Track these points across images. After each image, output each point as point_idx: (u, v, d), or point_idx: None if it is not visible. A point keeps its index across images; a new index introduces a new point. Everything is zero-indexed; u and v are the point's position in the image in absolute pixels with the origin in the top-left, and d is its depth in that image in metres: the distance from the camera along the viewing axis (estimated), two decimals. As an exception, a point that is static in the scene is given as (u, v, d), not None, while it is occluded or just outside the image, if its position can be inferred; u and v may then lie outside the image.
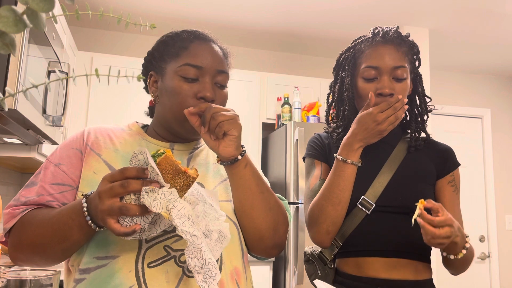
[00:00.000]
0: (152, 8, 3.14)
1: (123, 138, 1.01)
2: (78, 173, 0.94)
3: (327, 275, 1.22)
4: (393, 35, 1.20)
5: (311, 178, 1.25)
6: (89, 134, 1.00)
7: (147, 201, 0.72)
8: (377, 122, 1.10)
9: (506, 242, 4.05)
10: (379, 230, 1.16)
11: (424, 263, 1.19)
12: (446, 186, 1.22)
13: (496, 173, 4.12)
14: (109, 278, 0.85)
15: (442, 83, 4.16)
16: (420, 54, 1.26)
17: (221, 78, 0.99)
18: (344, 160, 1.13)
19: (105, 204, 0.74)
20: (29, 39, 1.47)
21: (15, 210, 0.90)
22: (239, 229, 0.98)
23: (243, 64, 3.77)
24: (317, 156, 1.27)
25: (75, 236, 0.83)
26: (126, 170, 0.76)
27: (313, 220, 1.16)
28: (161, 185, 0.75)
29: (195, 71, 0.96)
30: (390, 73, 1.16)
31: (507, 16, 3.09)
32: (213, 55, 0.99)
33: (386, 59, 1.16)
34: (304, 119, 3.29)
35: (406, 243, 1.15)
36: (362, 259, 1.16)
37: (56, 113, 2.01)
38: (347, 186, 1.13)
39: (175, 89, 0.95)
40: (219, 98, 0.98)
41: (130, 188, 0.74)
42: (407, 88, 1.19)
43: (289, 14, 3.20)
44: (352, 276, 1.16)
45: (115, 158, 0.96)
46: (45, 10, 0.40)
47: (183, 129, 0.98)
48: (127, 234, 0.74)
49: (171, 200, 0.74)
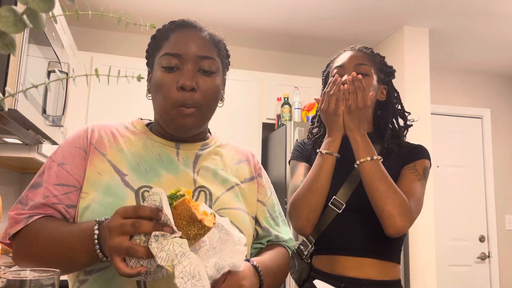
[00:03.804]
0: (152, 8, 3.14)
1: (127, 137, 0.99)
2: (82, 174, 0.92)
3: (303, 269, 1.31)
4: (359, 46, 1.37)
5: (294, 176, 1.34)
6: (93, 131, 0.97)
7: (154, 249, 0.70)
8: (326, 107, 1.21)
9: (506, 242, 4.05)
10: (347, 229, 1.24)
11: (391, 262, 1.24)
12: (404, 170, 1.27)
13: (496, 173, 4.12)
14: (111, 280, 0.85)
15: (442, 83, 4.16)
16: (386, 66, 1.37)
17: (206, 63, 0.94)
18: (321, 152, 1.23)
19: (114, 241, 0.72)
20: (29, 39, 1.47)
21: (20, 216, 0.87)
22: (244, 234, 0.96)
23: (243, 64, 3.77)
24: (300, 158, 1.37)
25: (82, 261, 0.81)
26: (140, 208, 0.73)
27: (294, 208, 1.24)
28: (173, 231, 0.72)
29: (175, 60, 0.93)
30: (352, 69, 1.28)
31: (507, 16, 3.09)
32: (194, 41, 0.95)
33: (349, 59, 1.31)
34: (304, 119, 3.29)
35: (371, 242, 1.22)
36: (333, 257, 1.24)
37: (56, 113, 2.01)
38: (324, 175, 1.20)
39: (158, 81, 0.94)
40: (202, 86, 0.93)
41: (141, 230, 0.71)
42: (370, 83, 1.28)
43: (289, 14, 3.20)
44: (323, 272, 1.25)
45: (120, 158, 0.94)
46: (45, 10, 0.40)
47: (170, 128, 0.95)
48: (131, 275, 0.71)
49: (179, 254, 0.70)
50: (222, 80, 1.02)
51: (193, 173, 0.97)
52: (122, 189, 0.89)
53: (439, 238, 3.83)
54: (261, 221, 1.06)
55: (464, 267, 3.94)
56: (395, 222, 1.13)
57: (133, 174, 0.92)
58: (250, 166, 1.09)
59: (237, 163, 1.07)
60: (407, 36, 3.34)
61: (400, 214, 1.13)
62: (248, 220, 0.99)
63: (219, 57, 0.99)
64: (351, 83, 1.18)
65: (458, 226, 3.98)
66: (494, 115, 4.24)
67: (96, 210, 0.87)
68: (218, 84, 0.97)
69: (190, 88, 0.91)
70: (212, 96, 0.95)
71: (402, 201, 1.15)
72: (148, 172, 0.93)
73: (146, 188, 0.90)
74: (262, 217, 1.06)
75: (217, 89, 0.96)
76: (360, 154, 1.19)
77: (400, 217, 1.13)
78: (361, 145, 1.19)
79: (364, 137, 1.20)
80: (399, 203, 1.14)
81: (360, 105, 1.18)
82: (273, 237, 1.07)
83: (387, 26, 3.37)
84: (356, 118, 1.19)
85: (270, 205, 1.10)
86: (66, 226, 0.85)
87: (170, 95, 0.91)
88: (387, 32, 3.47)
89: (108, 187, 0.89)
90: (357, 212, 1.24)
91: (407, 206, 1.15)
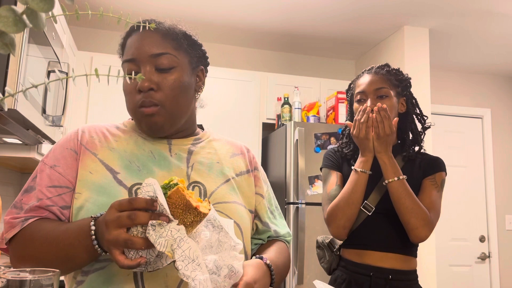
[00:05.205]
0: (152, 8, 3.14)
1: (118, 135, 0.99)
2: (74, 174, 0.91)
3: (333, 260, 1.55)
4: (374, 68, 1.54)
5: (328, 185, 1.54)
6: (83, 133, 0.97)
7: (152, 237, 0.70)
8: (358, 132, 1.41)
9: (506, 242, 4.05)
10: (375, 228, 1.46)
11: (410, 256, 1.47)
12: (425, 182, 1.49)
13: (496, 173, 4.12)
14: (107, 281, 0.84)
15: (442, 83, 4.16)
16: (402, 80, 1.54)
17: (161, 60, 0.93)
18: (356, 170, 1.43)
19: (111, 235, 0.72)
20: (29, 39, 1.47)
21: (15, 220, 0.87)
22: (243, 231, 0.96)
23: (243, 64, 3.77)
24: (332, 167, 1.56)
25: (81, 258, 0.81)
26: (134, 200, 0.72)
27: (333, 218, 1.45)
28: (170, 219, 0.72)
29: (132, 65, 0.94)
30: (373, 94, 1.48)
31: (507, 16, 3.09)
32: (146, 41, 0.94)
33: (368, 84, 1.49)
34: (304, 119, 3.29)
35: (395, 240, 1.44)
36: (363, 251, 1.47)
37: (56, 113, 2.01)
38: (359, 190, 1.42)
39: (123, 88, 0.97)
40: (162, 83, 0.92)
41: (137, 221, 0.71)
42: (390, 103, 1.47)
43: (289, 14, 3.20)
44: (353, 262, 1.48)
45: (111, 157, 0.94)
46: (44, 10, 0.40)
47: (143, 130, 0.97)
48: (131, 267, 0.71)
49: (177, 239, 0.70)
50: (191, 72, 0.99)
51: (187, 168, 0.97)
52: (115, 188, 0.89)
53: (440, 238, 3.83)
54: (262, 215, 1.07)
55: (464, 267, 3.93)
56: (419, 233, 1.37)
57: (126, 172, 0.92)
58: (245, 159, 1.09)
59: (232, 156, 1.07)
60: (407, 36, 3.34)
61: (423, 226, 1.37)
62: (245, 213, 0.99)
63: (178, 49, 0.96)
64: (378, 113, 1.38)
65: (458, 226, 3.97)
66: (495, 115, 4.23)
67: (90, 209, 0.86)
68: (179, 78, 0.95)
69: (148, 89, 0.91)
70: (175, 92, 0.94)
71: (424, 214, 1.38)
72: (140, 169, 0.93)
73: (139, 186, 0.90)
74: (262, 211, 1.07)
75: (179, 84, 0.94)
76: (389, 174, 1.40)
77: (423, 228, 1.37)
78: (389, 167, 1.40)
79: (391, 159, 1.41)
80: (422, 216, 1.37)
81: (387, 132, 1.39)
82: (272, 232, 1.08)
83: (387, 26, 3.37)
84: (384, 142, 1.40)
85: (268, 198, 1.11)
86: (62, 225, 0.85)
87: (132, 99, 0.94)
88: (387, 32, 3.47)
89: (101, 186, 0.89)
90: (383, 215, 1.46)
91: (428, 218, 1.38)
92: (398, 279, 1.43)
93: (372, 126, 1.40)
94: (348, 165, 1.54)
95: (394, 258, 1.44)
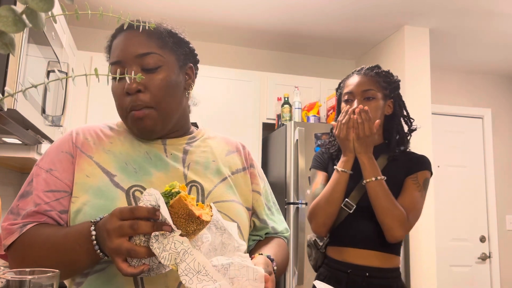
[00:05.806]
0: (152, 8, 3.14)
1: (112, 137, 0.98)
2: (71, 178, 0.90)
3: (318, 257, 1.59)
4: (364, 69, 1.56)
5: (313, 184, 1.58)
6: (78, 135, 0.96)
7: (156, 250, 0.69)
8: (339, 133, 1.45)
9: (507, 242, 4.05)
10: (356, 226, 1.49)
11: (390, 254, 1.48)
12: (407, 181, 1.50)
13: (496, 173, 4.12)
14: (107, 282, 0.84)
15: (442, 83, 4.16)
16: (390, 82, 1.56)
17: (146, 60, 0.91)
18: (337, 169, 1.48)
19: (114, 243, 0.71)
20: (29, 38, 1.47)
21: (13, 226, 0.86)
22: (241, 230, 0.96)
23: (243, 64, 3.77)
24: (319, 167, 1.62)
25: (82, 261, 0.80)
26: (136, 210, 0.71)
27: (313, 215, 1.50)
28: (173, 229, 0.71)
29: (119, 67, 0.92)
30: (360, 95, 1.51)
31: (508, 15, 3.09)
32: (130, 42, 0.92)
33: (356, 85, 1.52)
34: (304, 119, 3.29)
35: (375, 237, 1.46)
36: (343, 248, 1.50)
37: (56, 113, 2.01)
38: (340, 189, 1.46)
39: (112, 91, 0.96)
40: (149, 84, 0.91)
41: (140, 231, 0.70)
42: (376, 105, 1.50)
43: (289, 14, 3.20)
44: (334, 260, 1.52)
45: (107, 159, 0.93)
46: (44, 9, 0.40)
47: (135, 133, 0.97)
48: (134, 274, 0.71)
49: (181, 252, 0.70)
50: (178, 70, 0.98)
51: (183, 168, 0.96)
52: (112, 190, 0.88)
53: (440, 238, 3.83)
54: (259, 212, 1.06)
55: (465, 267, 3.93)
56: (394, 233, 1.40)
57: (122, 174, 0.91)
58: (241, 156, 1.08)
59: (228, 153, 1.06)
60: (407, 36, 3.34)
61: (398, 227, 1.39)
62: (243, 212, 0.99)
63: (163, 48, 0.95)
64: (359, 115, 1.41)
65: (458, 226, 3.97)
66: (495, 115, 4.23)
67: (88, 213, 0.86)
68: (166, 77, 0.93)
69: (135, 91, 0.90)
70: (163, 92, 0.92)
71: (400, 215, 1.40)
72: (137, 171, 0.92)
73: (136, 188, 0.89)
74: (260, 208, 1.07)
75: (166, 83, 0.93)
76: (367, 174, 1.43)
77: (398, 229, 1.40)
78: (368, 167, 1.43)
79: (371, 160, 1.44)
80: (397, 217, 1.40)
81: (367, 133, 1.42)
82: (270, 228, 1.07)
83: (387, 26, 3.37)
84: (364, 143, 1.43)
85: (265, 194, 1.10)
86: (61, 230, 0.84)
87: (121, 102, 0.93)
88: (387, 32, 3.47)
89: (98, 189, 0.88)
90: (364, 213, 1.47)
91: (404, 219, 1.40)
92: (376, 276, 1.44)
93: (353, 127, 1.43)
94: (333, 165, 1.57)
95: (374, 256, 1.46)
